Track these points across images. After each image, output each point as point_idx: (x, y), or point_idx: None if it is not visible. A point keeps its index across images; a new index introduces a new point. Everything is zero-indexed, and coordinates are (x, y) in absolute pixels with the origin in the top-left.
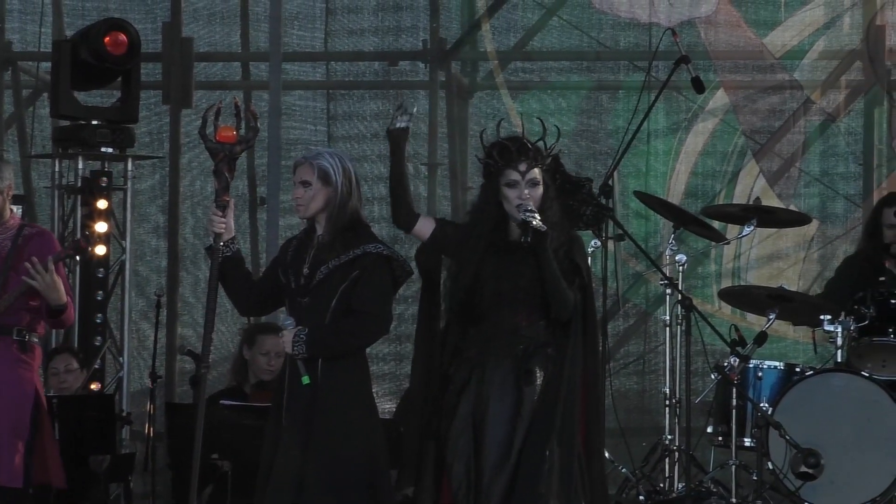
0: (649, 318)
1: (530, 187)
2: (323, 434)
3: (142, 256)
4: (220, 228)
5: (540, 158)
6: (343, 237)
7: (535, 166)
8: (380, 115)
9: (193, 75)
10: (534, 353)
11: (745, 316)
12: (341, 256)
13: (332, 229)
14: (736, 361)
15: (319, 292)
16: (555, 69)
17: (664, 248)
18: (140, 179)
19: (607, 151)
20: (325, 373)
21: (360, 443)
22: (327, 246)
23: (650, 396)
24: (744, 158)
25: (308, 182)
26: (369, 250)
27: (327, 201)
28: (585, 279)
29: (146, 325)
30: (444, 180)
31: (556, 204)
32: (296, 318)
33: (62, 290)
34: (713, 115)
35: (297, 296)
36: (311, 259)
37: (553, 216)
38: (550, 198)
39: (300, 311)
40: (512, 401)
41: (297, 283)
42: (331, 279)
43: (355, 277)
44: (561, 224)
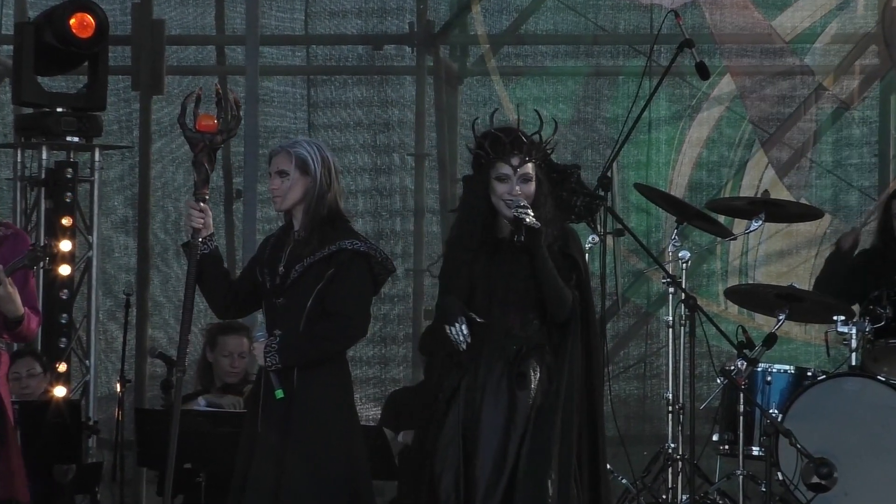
0: (651, 318)
1: (522, 183)
2: (300, 447)
3: (109, 253)
4: (198, 223)
5: (534, 153)
6: (320, 232)
7: (528, 161)
8: (363, 102)
9: (165, 60)
10: (527, 355)
11: (752, 316)
12: (317, 253)
13: (309, 223)
14: (743, 365)
15: (295, 292)
16: (550, 54)
17: (666, 244)
18: (108, 170)
19: (606, 141)
20: (302, 381)
21: (339, 456)
22: (303, 242)
23: (652, 402)
24: (751, 149)
25: (285, 172)
26: (345, 246)
27: (305, 192)
28: (583, 275)
29: (114, 325)
30: (431, 172)
31: (549, 200)
32: (270, 320)
33: (18, 301)
34: (719, 102)
35: (272, 296)
36: (287, 256)
37: (547, 213)
38: (544, 194)
39: (275, 312)
40: (505, 407)
41: (273, 283)
42: (306, 277)
43: (331, 276)
44: (554, 220)
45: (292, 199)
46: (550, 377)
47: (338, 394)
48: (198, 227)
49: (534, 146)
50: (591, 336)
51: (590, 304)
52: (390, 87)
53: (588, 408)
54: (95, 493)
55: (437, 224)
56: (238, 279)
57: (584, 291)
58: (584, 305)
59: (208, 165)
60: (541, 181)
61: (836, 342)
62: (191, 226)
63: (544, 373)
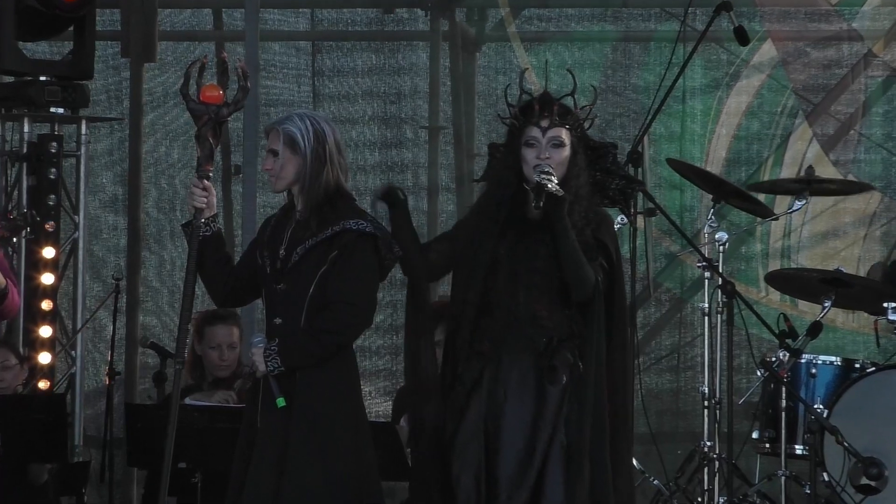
0: (685, 305)
1: (552, 148)
2: (303, 450)
3: (97, 234)
4: (201, 203)
5: (568, 117)
6: (319, 212)
7: (559, 124)
8: (372, 70)
9: (157, 24)
10: (558, 347)
11: (796, 303)
12: (318, 235)
13: (307, 203)
14: (785, 356)
15: (296, 277)
16: (576, 17)
17: (702, 224)
18: (95, 144)
19: (636, 112)
20: (304, 379)
21: (346, 458)
22: (304, 223)
23: (686, 396)
24: (794, 120)
25: (275, 150)
26: (350, 227)
27: (297, 172)
28: (614, 260)
29: (103, 313)
30: (446, 146)
31: (585, 174)
32: (270, 307)
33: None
34: (759, 70)
35: (272, 281)
36: (288, 239)
37: (580, 188)
38: (579, 166)
39: (276, 298)
40: (533, 402)
41: (273, 267)
42: (308, 261)
43: (334, 259)
44: (590, 199)
45: (286, 180)
46: (582, 371)
47: (343, 391)
48: (200, 206)
49: (567, 110)
50: (619, 326)
51: (620, 293)
52: (402, 54)
53: (615, 400)
54: (82, 495)
55: (452, 203)
56: (238, 264)
57: (614, 278)
58: (612, 294)
59: (213, 140)
60: (576, 151)
61: (887, 331)
62: (193, 205)
63: (577, 367)
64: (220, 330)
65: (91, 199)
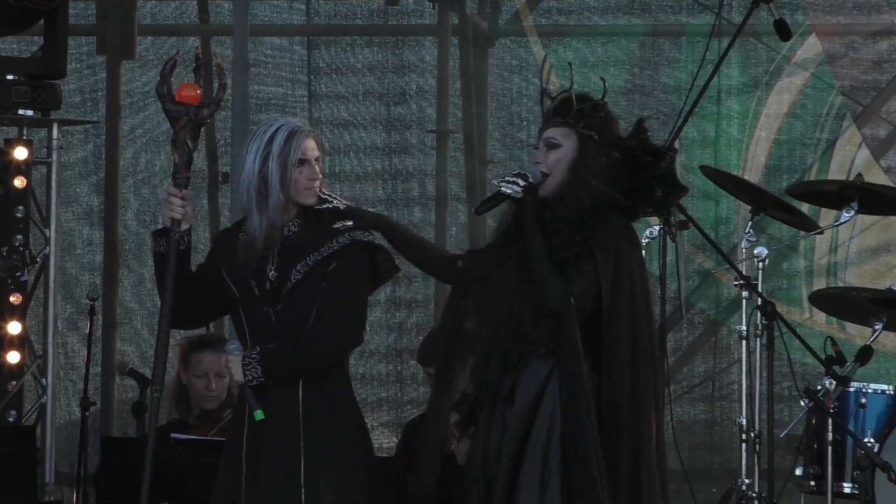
0: (720, 328)
1: (546, 149)
2: (315, 480)
3: (70, 249)
4: (179, 213)
5: (569, 115)
6: (315, 222)
7: (556, 124)
8: (375, 67)
9: (137, 18)
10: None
11: (843, 326)
12: (321, 250)
13: (312, 215)
14: (832, 384)
15: (296, 298)
16: (599, 9)
17: (739, 238)
18: (68, 150)
19: (666, 115)
20: (309, 397)
21: (362, 489)
22: (305, 238)
23: (721, 429)
24: (842, 123)
25: (319, 158)
26: (358, 238)
27: None
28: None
29: (76, 337)
30: (456, 152)
31: (594, 183)
32: (257, 333)
33: None
34: (802, 67)
35: (261, 304)
36: (277, 256)
37: (577, 189)
38: (587, 167)
39: (266, 322)
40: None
41: (262, 289)
42: (310, 279)
43: (332, 272)
44: (594, 203)
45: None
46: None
47: (353, 415)
48: (178, 217)
49: (569, 107)
50: (614, 344)
51: (617, 311)
52: (407, 50)
53: (632, 433)
54: None
55: (463, 214)
56: (200, 284)
57: (614, 295)
58: (608, 311)
59: (191, 144)
60: (586, 151)
61: None
62: (170, 216)
63: (563, 391)
64: (208, 357)
65: (63, 211)
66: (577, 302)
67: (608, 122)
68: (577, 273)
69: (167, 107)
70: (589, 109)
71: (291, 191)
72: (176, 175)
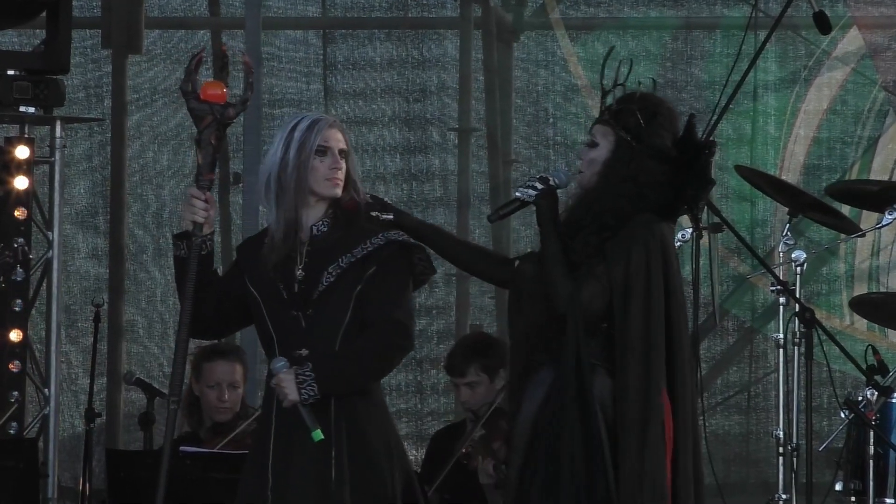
0: (756, 336)
1: (587, 149)
2: (344, 492)
3: (74, 253)
4: (201, 217)
5: (607, 113)
6: (346, 222)
7: (600, 122)
8: (393, 63)
9: (143, 10)
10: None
11: (885, 333)
12: (354, 251)
13: (342, 214)
14: (874, 395)
15: (328, 301)
16: (629, 1)
17: (776, 241)
18: (71, 148)
19: (700, 111)
20: (341, 407)
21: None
22: (335, 237)
23: (758, 441)
24: (884, 120)
25: (345, 151)
26: (392, 238)
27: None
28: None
29: (74, 349)
30: (479, 151)
31: (616, 188)
32: (287, 339)
33: None
34: (843, 62)
35: (288, 308)
36: (305, 257)
37: (599, 198)
38: (620, 165)
39: (295, 327)
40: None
41: (291, 292)
42: (344, 281)
43: (371, 276)
44: (607, 210)
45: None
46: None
47: (390, 427)
48: (200, 220)
49: (609, 106)
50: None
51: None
52: (427, 45)
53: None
54: None
55: (486, 216)
56: (224, 292)
57: (626, 298)
58: (620, 314)
59: (216, 144)
60: (616, 157)
61: None
62: (192, 220)
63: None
64: (221, 366)
65: (67, 213)
66: (586, 307)
67: (652, 128)
68: (586, 276)
69: (191, 105)
70: (630, 111)
71: (310, 179)
72: (199, 176)
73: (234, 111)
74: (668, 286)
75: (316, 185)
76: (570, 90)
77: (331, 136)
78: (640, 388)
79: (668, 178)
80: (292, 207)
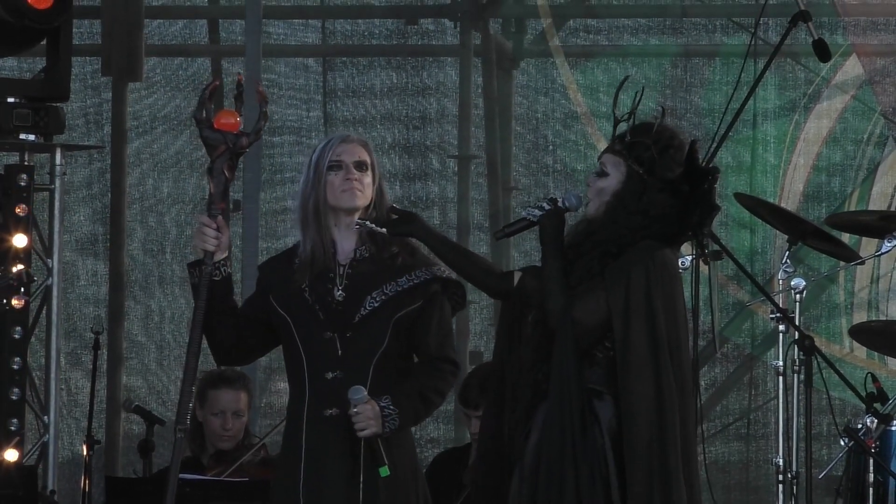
0: (756, 363)
1: (595, 178)
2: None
3: (73, 280)
4: (212, 245)
5: (616, 143)
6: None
7: (608, 150)
8: (393, 90)
9: (143, 37)
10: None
11: (885, 361)
12: (400, 281)
13: (379, 240)
14: (873, 423)
15: (369, 326)
16: (629, 29)
17: (776, 269)
18: (71, 175)
19: (699, 138)
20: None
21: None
22: (379, 264)
23: (757, 469)
24: (884, 149)
25: (364, 163)
26: (439, 274)
27: (374, 194)
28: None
29: (79, 372)
30: (479, 178)
31: (624, 222)
32: (318, 360)
33: None
34: (842, 90)
35: (325, 329)
36: (346, 279)
37: (608, 230)
38: (619, 208)
39: (329, 349)
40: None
41: (327, 312)
42: (386, 309)
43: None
44: (612, 241)
45: (367, 197)
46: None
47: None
48: (211, 248)
49: (623, 134)
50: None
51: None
52: (427, 72)
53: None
54: None
55: (486, 243)
56: (246, 316)
57: (627, 321)
58: (624, 345)
59: (228, 174)
60: (626, 190)
61: None
62: (202, 247)
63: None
64: (226, 394)
65: (67, 240)
66: (578, 321)
67: (664, 160)
68: (581, 294)
69: (205, 134)
70: (643, 144)
71: (329, 195)
72: (211, 205)
73: (247, 140)
74: (670, 309)
75: (334, 199)
76: (570, 118)
77: (344, 151)
78: (650, 412)
79: (676, 210)
80: (321, 227)
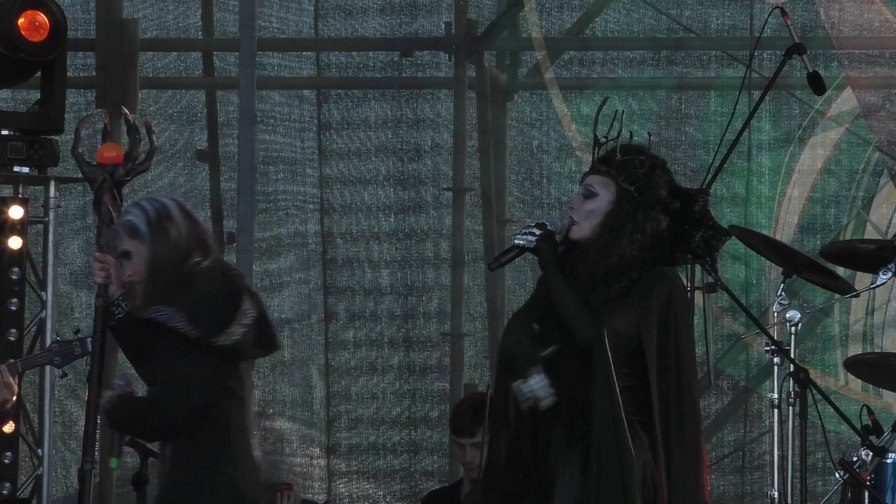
0: (751, 395)
1: (581, 198)
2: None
3: (67, 312)
4: (99, 277)
5: (611, 163)
6: None
7: (594, 171)
8: (388, 122)
9: (138, 70)
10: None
11: (880, 394)
12: None
13: None
14: (868, 455)
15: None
16: (623, 61)
17: (771, 301)
18: (65, 209)
19: (694, 171)
20: None
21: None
22: None
23: (753, 501)
24: (879, 180)
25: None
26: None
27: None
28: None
29: (73, 404)
30: (474, 210)
31: (621, 242)
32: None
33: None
34: (837, 122)
35: None
36: None
37: (605, 252)
38: (623, 216)
39: None
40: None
41: None
42: None
43: None
44: (631, 258)
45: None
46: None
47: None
48: (101, 282)
49: (611, 156)
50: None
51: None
52: (421, 104)
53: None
54: None
55: (480, 276)
56: None
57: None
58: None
59: (110, 206)
60: (620, 209)
61: None
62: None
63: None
64: None
65: (61, 272)
66: (612, 337)
67: (653, 179)
68: (615, 310)
69: (84, 169)
70: (633, 163)
71: None
72: (98, 238)
73: (124, 170)
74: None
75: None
76: (565, 150)
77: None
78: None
79: (671, 228)
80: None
